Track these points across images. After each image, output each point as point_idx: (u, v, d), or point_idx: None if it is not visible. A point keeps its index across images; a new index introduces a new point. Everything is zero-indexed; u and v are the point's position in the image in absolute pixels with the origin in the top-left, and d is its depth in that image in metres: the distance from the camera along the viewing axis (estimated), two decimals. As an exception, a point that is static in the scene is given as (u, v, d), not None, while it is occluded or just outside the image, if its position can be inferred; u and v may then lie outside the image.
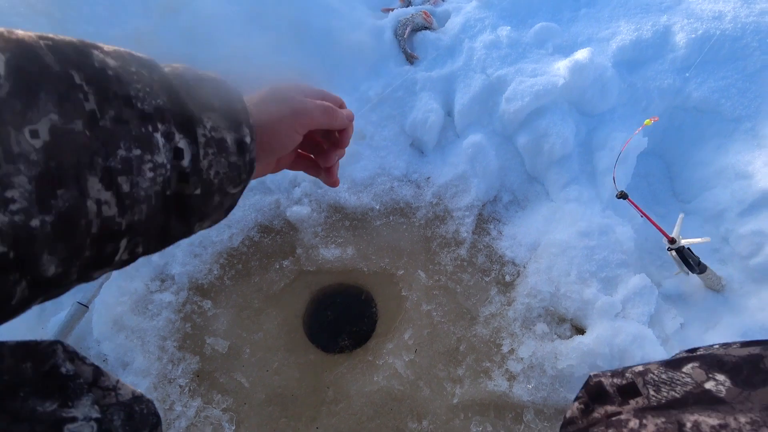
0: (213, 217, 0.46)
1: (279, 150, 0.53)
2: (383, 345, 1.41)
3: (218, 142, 0.42)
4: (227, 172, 0.43)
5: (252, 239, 1.58)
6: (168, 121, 0.37)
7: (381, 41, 1.78)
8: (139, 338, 1.42)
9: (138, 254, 0.39)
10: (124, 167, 0.33)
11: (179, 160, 0.38)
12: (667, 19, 1.63)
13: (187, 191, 0.40)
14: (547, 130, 1.55)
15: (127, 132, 0.34)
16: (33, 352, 0.37)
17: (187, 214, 0.42)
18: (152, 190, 0.36)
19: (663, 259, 1.56)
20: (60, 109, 0.30)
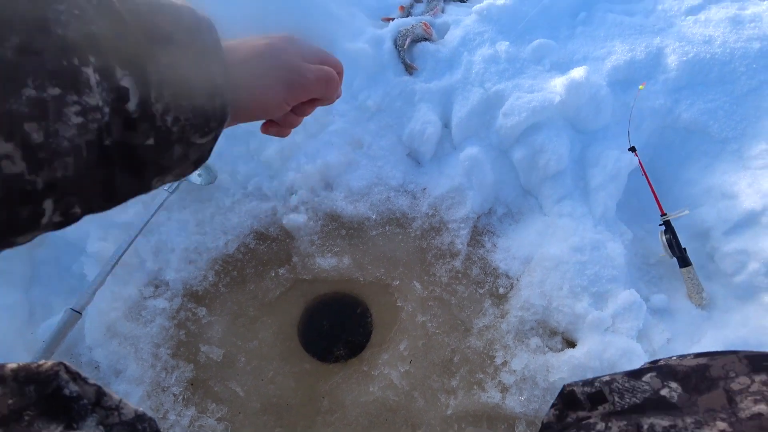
0: (176, 171, 0.39)
1: (261, 116, 0.47)
2: (378, 355, 1.42)
3: (177, 82, 0.34)
4: (190, 118, 0.36)
5: (248, 246, 1.58)
6: (105, 54, 0.29)
7: (380, 51, 1.79)
8: (133, 345, 1.41)
9: (76, 215, 0.33)
10: (32, 111, 0.26)
11: (123, 103, 0.31)
12: (660, 41, 1.68)
13: (135, 141, 0.33)
14: (542, 145, 1.58)
15: (39, 65, 0.26)
16: (36, 375, 0.37)
17: (138, 168, 0.35)
18: (81, 139, 0.29)
19: (651, 275, 1.60)
20: None
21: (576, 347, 1.39)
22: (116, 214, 1.52)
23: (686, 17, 1.71)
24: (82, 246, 1.48)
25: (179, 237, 1.54)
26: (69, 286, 1.50)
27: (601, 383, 0.61)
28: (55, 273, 1.51)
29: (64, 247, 1.51)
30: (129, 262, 1.48)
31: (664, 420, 0.49)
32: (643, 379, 0.57)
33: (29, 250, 1.52)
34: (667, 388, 0.53)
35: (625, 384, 0.59)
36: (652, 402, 0.53)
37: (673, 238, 1.51)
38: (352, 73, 1.78)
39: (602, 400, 0.59)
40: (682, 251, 1.51)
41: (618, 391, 0.58)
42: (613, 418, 0.55)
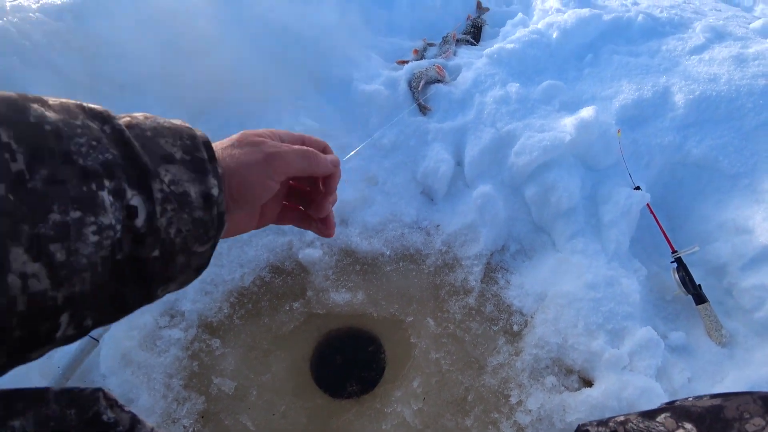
0: (180, 279, 0.41)
1: (253, 200, 0.48)
2: (391, 392, 1.41)
3: (179, 197, 0.37)
4: (191, 229, 0.39)
5: (263, 279, 1.60)
6: (118, 177, 0.33)
7: (396, 92, 1.87)
8: (146, 374, 1.41)
9: (88, 327, 0.35)
10: (57, 233, 0.29)
11: (132, 220, 0.34)
12: (666, 80, 1.72)
13: (143, 254, 0.36)
14: (554, 183, 1.61)
15: (63, 193, 0.30)
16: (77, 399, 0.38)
17: (146, 279, 0.37)
18: (97, 256, 0.31)
19: (668, 311, 1.58)
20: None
21: (593, 386, 1.36)
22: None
23: (690, 57, 1.76)
24: (104, 277, 1.52)
25: (197, 270, 1.57)
26: (88, 316, 1.53)
27: (616, 423, 0.61)
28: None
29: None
30: (147, 293, 1.51)
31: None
32: (658, 419, 0.57)
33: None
34: (682, 429, 0.53)
35: (639, 425, 0.58)
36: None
37: (686, 275, 1.50)
38: (367, 112, 1.86)
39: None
40: (696, 288, 1.49)
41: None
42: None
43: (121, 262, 0.34)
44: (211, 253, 0.43)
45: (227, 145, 0.47)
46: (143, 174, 0.35)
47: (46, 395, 0.36)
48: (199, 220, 0.39)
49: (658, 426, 0.55)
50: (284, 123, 1.80)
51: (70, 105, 0.34)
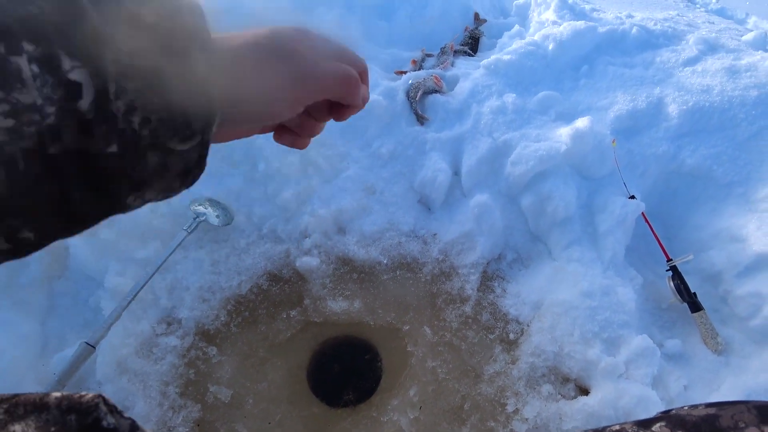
0: (158, 185, 0.32)
1: (266, 119, 0.39)
2: (388, 401, 1.40)
3: (145, 72, 0.28)
4: (164, 118, 0.29)
5: (260, 287, 1.61)
6: (47, 39, 0.24)
7: (394, 102, 1.88)
8: (142, 382, 1.41)
9: (28, 240, 0.27)
10: None
11: (74, 101, 0.25)
12: (660, 91, 1.75)
13: (94, 148, 0.27)
14: (550, 192, 1.62)
15: None
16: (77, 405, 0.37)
17: (104, 182, 0.29)
18: (15, 146, 0.24)
19: (663, 320, 1.58)
20: None
21: (589, 395, 1.36)
22: (135, 250, 1.58)
23: (684, 68, 1.79)
24: (100, 280, 1.52)
25: (194, 276, 1.58)
26: (84, 319, 1.53)
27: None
28: (72, 305, 1.55)
29: (83, 280, 1.56)
30: (144, 298, 1.51)
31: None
32: (653, 428, 0.57)
33: (49, 282, 1.56)
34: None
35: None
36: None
37: (681, 283, 1.51)
38: (366, 122, 1.87)
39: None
40: (692, 296, 1.50)
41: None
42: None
43: (59, 158, 0.26)
44: (200, 155, 0.33)
45: (249, 43, 0.36)
46: (91, 39, 0.26)
47: (47, 400, 0.36)
48: (176, 106, 0.29)
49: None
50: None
51: None
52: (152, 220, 1.65)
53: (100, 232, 1.60)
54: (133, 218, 1.63)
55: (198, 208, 1.63)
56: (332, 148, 1.82)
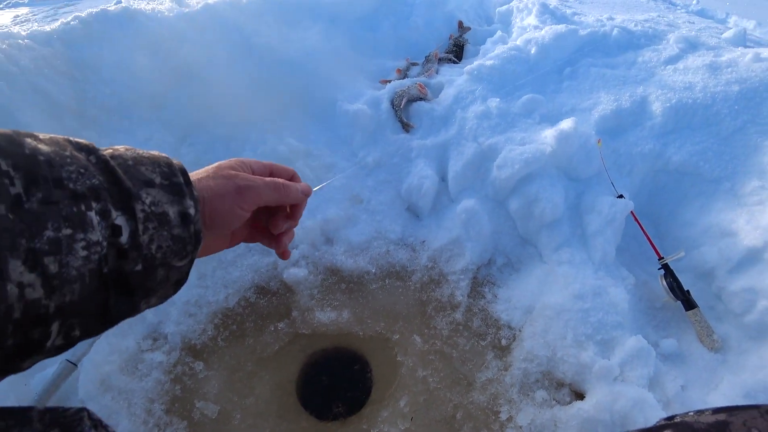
0: (160, 292, 0.45)
1: (224, 226, 0.52)
2: (378, 412, 1.37)
3: (159, 216, 0.41)
4: (170, 245, 0.43)
5: (248, 300, 1.58)
6: (104, 199, 0.37)
7: (378, 110, 1.89)
8: (126, 400, 1.38)
9: (75, 338, 0.37)
10: (51, 248, 0.33)
11: (117, 237, 0.38)
12: (643, 90, 1.75)
13: (126, 268, 0.39)
14: (537, 195, 1.61)
15: (56, 212, 0.34)
16: (60, 419, 0.37)
17: (129, 291, 0.41)
18: (86, 268, 0.35)
19: (658, 319, 1.55)
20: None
21: (584, 399, 1.32)
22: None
23: (666, 67, 1.79)
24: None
25: (180, 290, 1.55)
26: (70, 344, 1.50)
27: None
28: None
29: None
30: (130, 318, 1.49)
31: None
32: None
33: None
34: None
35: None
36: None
37: (674, 281, 1.49)
38: (351, 132, 1.87)
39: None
40: (685, 294, 1.47)
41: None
42: None
43: (107, 275, 0.37)
44: (188, 269, 0.46)
45: (203, 176, 0.50)
46: (127, 196, 0.39)
47: (30, 414, 0.36)
48: (177, 236, 0.43)
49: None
50: (269, 143, 1.81)
51: (59, 139, 0.39)
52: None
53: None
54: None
55: (183, 223, 1.62)
56: (318, 158, 1.82)
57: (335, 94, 1.99)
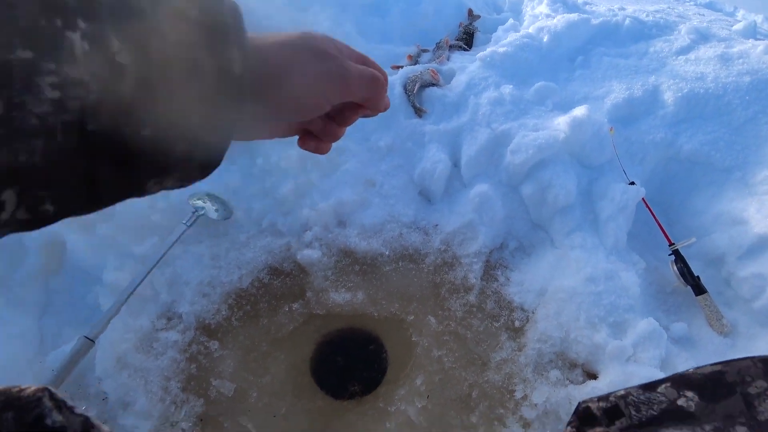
0: (179, 174, 0.32)
1: (293, 116, 0.40)
2: (394, 391, 1.38)
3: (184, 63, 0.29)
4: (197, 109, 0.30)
5: (261, 281, 1.58)
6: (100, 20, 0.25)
7: (391, 95, 1.88)
8: (142, 378, 1.38)
9: (47, 213, 0.26)
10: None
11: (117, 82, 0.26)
12: (655, 80, 1.77)
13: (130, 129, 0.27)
14: (550, 180, 1.62)
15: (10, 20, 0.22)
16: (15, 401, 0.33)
17: (132, 165, 0.29)
18: (57, 119, 0.24)
19: (668, 304, 1.58)
20: None
21: (598, 379, 1.34)
22: (133, 245, 1.55)
23: (677, 57, 1.81)
24: (98, 275, 1.49)
25: (194, 270, 1.55)
26: (81, 316, 1.49)
27: (617, 398, 0.61)
28: (69, 302, 1.51)
29: (80, 275, 1.53)
30: (143, 293, 1.48)
31: (682, 430, 0.49)
32: (658, 390, 0.56)
33: (45, 278, 1.53)
34: (684, 397, 0.53)
35: (640, 397, 0.58)
36: (669, 413, 0.52)
37: (684, 266, 1.51)
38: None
39: (619, 415, 0.57)
40: (695, 279, 1.50)
41: (634, 405, 0.57)
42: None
43: (96, 135, 0.26)
44: (222, 150, 0.34)
45: (285, 41, 0.37)
46: (141, 27, 0.27)
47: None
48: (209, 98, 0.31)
49: (659, 397, 0.54)
50: (281, 127, 1.81)
51: None
52: (150, 215, 1.63)
53: (97, 227, 1.57)
54: (131, 213, 1.60)
55: (197, 203, 1.61)
56: (331, 142, 1.82)
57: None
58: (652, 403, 0.54)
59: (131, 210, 1.59)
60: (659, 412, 0.53)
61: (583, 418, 0.62)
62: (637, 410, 0.55)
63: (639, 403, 0.56)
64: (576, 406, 0.64)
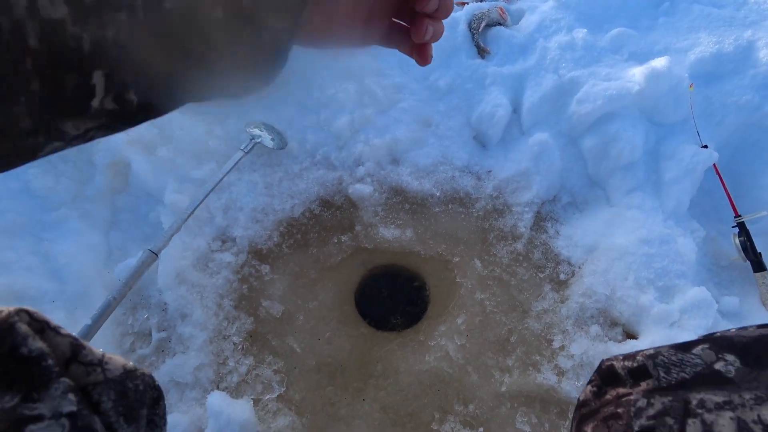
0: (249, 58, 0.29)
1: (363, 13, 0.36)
2: (435, 327, 1.43)
3: None
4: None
5: (312, 212, 1.62)
6: None
7: (454, 33, 1.80)
8: (199, 293, 1.47)
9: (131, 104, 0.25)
10: None
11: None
12: (751, 34, 1.61)
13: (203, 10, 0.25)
14: (616, 135, 1.55)
15: None
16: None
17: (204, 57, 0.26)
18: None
19: (721, 277, 1.54)
20: None
21: (638, 339, 1.35)
22: (192, 169, 1.60)
23: (783, 10, 1.63)
24: (159, 196, 1.56)
25: (248, 197, 1.60)
26: (144, 233, 1.58)
27: (644, 357, 0.55)
28: (133, 220, 1.60)
29: (143, 196, 1.60)
30: (200, 216, 1.55)
31: (717, 395, 0.43)
32: (694, 351, 0.51)
33: (112, 196, 1.61)
34: (723, 361, 0.46)
35: (672, 357, 0.53)
36: (703, 377, 0.46)
37: (747, 240, 1.45)
38: (424, 52, 1.80)
39: (645, 375, 0.53)
40: (757, 255, 1.44)
41: (664, 365, 0.52)
42: (657, 394, 0.49)
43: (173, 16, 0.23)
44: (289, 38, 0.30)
45: None
46: None
47: None
48: None
49: (694, 359, 0.47)
50: (339, 58, 1.77)
51: None
52: (208, 140, 1.67)
53: (158, 150, 1.62)
54: (189, 138, 1.64)
55: (254, 131, 1.63)
56: (389, 78, 1.77)
57: (408, 12, 1.89)
58: (684, 365, 0.51)
59: (190, 135, 1.63)
60: (692, 375, 0.47)
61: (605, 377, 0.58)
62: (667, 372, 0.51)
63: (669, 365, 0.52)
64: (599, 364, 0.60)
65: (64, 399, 0.28)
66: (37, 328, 0.29)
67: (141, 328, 1.47)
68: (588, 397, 0.61)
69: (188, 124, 1.66)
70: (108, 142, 1.56)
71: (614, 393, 0.57)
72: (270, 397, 1.36)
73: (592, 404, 0.60)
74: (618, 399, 0.56)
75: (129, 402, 0.32)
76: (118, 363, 0.33)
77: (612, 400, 0.57)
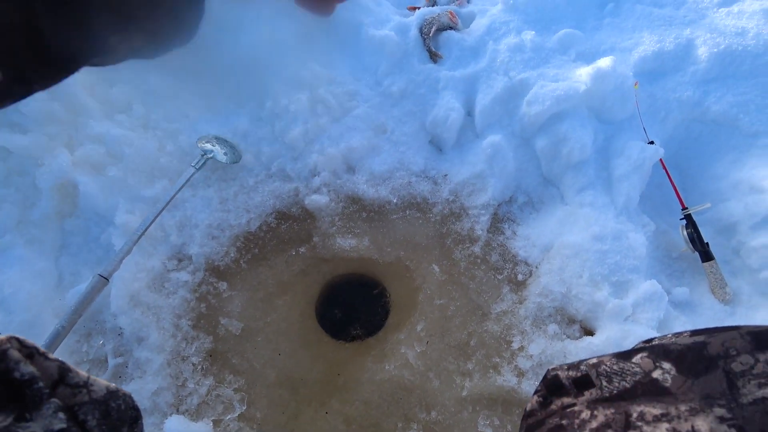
0: None
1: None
2: (395, 335, 1.43)
3: None
4: None
5: (269, 225, 1.60)
6: None
7: (406, 38, 1.80)
8: (155, 315, 1.44)
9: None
10: None
11: None
12: (690, 33, 1.66)
13: None
14: (566, 134, 1.57)
15: None
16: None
17: None
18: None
19: (673, 269, 1.58)
20: None
21: (595, 335, 1.37)
22: (143, 188, 1.56)
23: (718, 9, 1.69)
24: (111, 218, 1.52)
25: (203, 213, 1.57)
26: (96, 256, 1.54)
27: (588, 366, 0.56)
28: (84, 243, 1.56)
29: (94, 218, 1.55)
30: (154, 235, 1.52)
31: (655, 408, 0.45)
32: (633, 360, 0.51)
33: (60, 220, 1.56)
34: (660, 369, 0.49)
35: (613, 366, 0.53)
36: (642, 386, 0.48)
37: (694, 232, 1.50)
38: (377, 59, 1.80)
39: (589, 385, 0.54)
40: (704, 245, 1.49)
41: (606, 375, 0.52)
42: (600, 406, 0.50)
43: None
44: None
45: None
46: None
47: None
48: None
49: (633, 368, 0.51)
50: (290, 68, 1.75)
51: None
52: (159, 157, 1.63)
53: (107, 170, 1.57)
54: (140, 156, 1.60)
55: (205, 146, 1.60)
56: (341, 85, 1.76)
57: (360, 18, 1.88)
58: (625, 374, 0.51)
59: (140, 153, 1.59)
60: (632, 384, 0.50)
61: (550, 386, 0.58)
62: (609, 381, 0.52)
63: (611, 374, 0.52)
64: (545, 374, 0.60)
65: (55, 418, 0.30)
66: (27, 354, 0.31)
67: (96, 355, 1.42)
68: (534, 408, 0.61)
69: (138, 142, 1.62)
70: (51, 165, 1.51)
71: (559, 403, 0.57)
72: (231, 417, 1.34)
73: (538, 414, 0.60)
74: (563, 410, 0.55)
75: (111, 420, 0.35)
76: (101, 384, 0.36)
77: (557, 410, 0.56)
